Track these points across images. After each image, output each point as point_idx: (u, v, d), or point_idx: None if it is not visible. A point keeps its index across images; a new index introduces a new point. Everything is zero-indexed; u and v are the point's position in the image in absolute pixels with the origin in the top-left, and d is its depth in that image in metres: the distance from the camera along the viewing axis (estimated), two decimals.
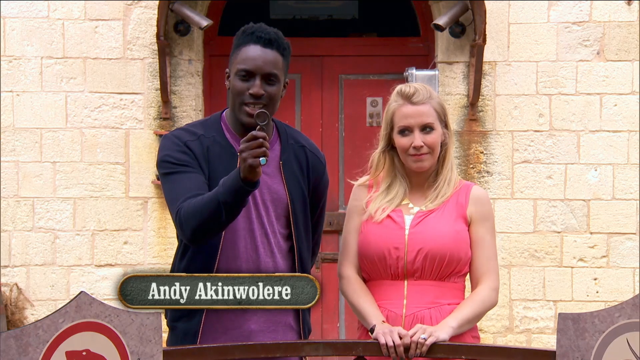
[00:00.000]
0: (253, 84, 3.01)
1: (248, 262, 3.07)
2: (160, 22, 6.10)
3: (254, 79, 3.01)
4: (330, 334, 6.60)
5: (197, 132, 3.09)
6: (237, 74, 3.03)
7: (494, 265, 3.08)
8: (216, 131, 3.11)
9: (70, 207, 6.35)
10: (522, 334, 6.40)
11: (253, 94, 3.00)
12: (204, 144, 3.06)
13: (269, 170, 3.09)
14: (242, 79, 3.02)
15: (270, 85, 3.03)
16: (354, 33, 7.19)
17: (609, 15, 6.39)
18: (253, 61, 3.01)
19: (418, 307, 2.98)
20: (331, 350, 2.84)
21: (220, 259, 3.04)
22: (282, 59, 3.06)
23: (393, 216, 3.05)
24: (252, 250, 3.07)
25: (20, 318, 6.30)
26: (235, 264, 3.06)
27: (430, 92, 3.08)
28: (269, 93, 3.02)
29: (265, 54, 3.02)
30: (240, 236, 3.06)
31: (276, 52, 3.04)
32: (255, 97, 3.01)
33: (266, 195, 3.09)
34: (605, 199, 6.39)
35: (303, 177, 3.17)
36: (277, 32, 3.10)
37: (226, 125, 3.13)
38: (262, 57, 3.02)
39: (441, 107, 3.08)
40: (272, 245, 3.10)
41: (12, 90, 6.35)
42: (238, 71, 3.03)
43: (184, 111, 6.38)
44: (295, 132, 3.27)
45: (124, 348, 2.59)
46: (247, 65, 3.01)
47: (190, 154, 3.03)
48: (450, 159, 3.12)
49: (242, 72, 3.02)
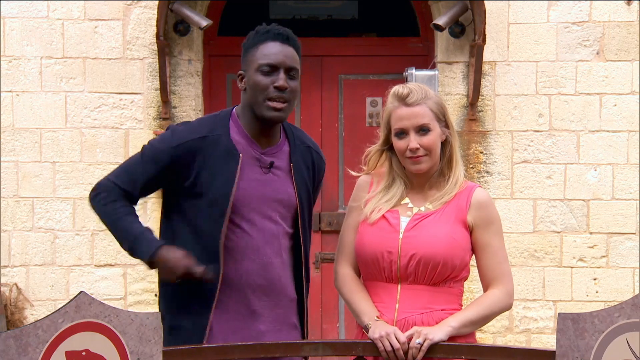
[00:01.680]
0: (277, 77, 3.03)
1: (255, 262, 3.07)
2: (160, 22, 6.10)
3: (277, 72, 3.04)
4: (330, 334, 6.60)
5: (200, 133, 3.08)
6: (259, 69, 3.05)
7: (505, 269, 3.03)
8: (222, 129, 3.10)
9: (70, 207, 6.35)
10: (521, 334, 6.40)
11: (279, 86, 3.02)
12: (201, 145, 3.06)
13: (279, 171, 3.10)
14: (265, 74, 3.04)
15: (292, 79, 3.07)
16: (354, 33, 7.19)
17: (608, 15, 6.39)
18: (276, 56, 3.04)
19: (410, 312, 2.95)
20: (331, 350, 2.84)
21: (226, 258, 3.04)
22: (298, 56, 3.11)
23: (389, 218, 3.02)
24: (261, 251, 3.07)
25: (20, 318, 6.30)
26: (241, 266, 3.06)
27: (426, 92, 3.03)
28: (291, 87, 3.06)
29: (285, 49, 3.07)
30: (246, 236, 3.06)
31: (293, 48, 3.09)
32: (280, 90, 3.03)
33: (275, 196, 3.09)
34: (604, 199, 6.39)
35: (309, 177, 3.20)
36: (290, 30, 3.14)
37: (237, 124, 3.12)
38: (283, 52, 3.06)
39: (438, 106, 3.03)
40: (282, 245, 3.11)
41: (11, 90, 6.35)
42: (260, 66, 3.05)
43: (183, 111, 6.38)
44: (300, 132, 3.29)
45: (123, 348, 2.59)
46: (270, 60, 3.04)
47: (174, 157, 3.05)
48: (456, 159, 3.07)
49: (265, 66, 3.04)
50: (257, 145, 3.11)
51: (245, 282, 3.06)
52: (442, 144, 3.06)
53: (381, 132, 3.12)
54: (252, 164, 3.09)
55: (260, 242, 3.07)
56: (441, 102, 3.07)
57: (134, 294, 6.35)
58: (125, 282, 6.36)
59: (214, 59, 6.58)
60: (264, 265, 3.07)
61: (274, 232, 3.09)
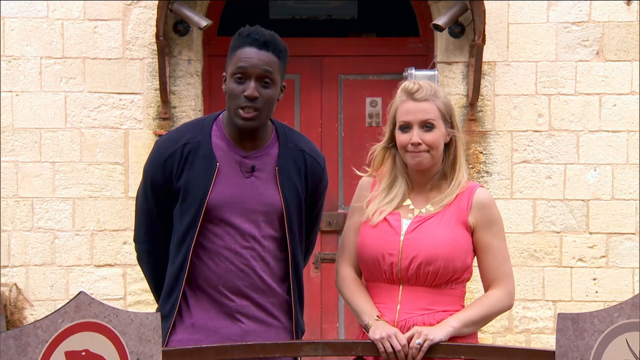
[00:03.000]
0: (247, 85, 3.00)
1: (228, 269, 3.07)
2: (160, 22, 6.09)
3: (248, 80, 3.01)
4: (330, 334, 6.60)
5: (182, 140, 3.11)
6: (233, 76, 3.03)
7: (506, 270, 3.02)
8: (204, 135, 3.11)
9: (70, 207, 6.35)
10: (521, 334, 6.40)
11: (247, 95, 2.99)
12: (185, 151, 3.08)
13: (263, 175, 3.10)
14: (238, 81, 3.02)
15: (265, 88, 3.02)
16: (353, 33, 7.19)
17: (608, 16, 6.39)
18: (248, 63, 3.01)
19: (411, 313, 2.95)
20: (330, 350, 2.84)
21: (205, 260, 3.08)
22: (278, 61, 3.05)
23: (390, 220, 3.02)
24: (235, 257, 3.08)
25: (20, 318, 6.29)
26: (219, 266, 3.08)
27: (436, 91, 3.02)
28: (263, 96, 3.01)
29: (260, 55, 3.02)
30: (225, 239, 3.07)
31: (272, 54, 3.03)
32: (249, 99, 3.00)
33: (257, 199, 3.09)
34: (604, 199, 6.39)
35: (301, 181, 3.16)
36: (274, 34, 3.09)
37: (220, 129, 3.13)
38: (257, 57, 3.01)
39: (446, 106, 3.02)
40: (259, 249, 3.10)
41: (11, 90, 6.35)
42: (233, 73, 3.03)
43: (183, 111, 6.38)
44: (295, 135, 3.25)
45: (123, 348, 2.59)
46: (241, 67, 3.01)
47: (166, 171, 3.09)
48: (460, 161, 3.06)
49: (237, 74, 3.02)
50: (240, 149, 3.10)
51: (224, 284, 3.07)
52: (447, 146, 3.06)
53: (386, 127, 3.10)
54: (232, 168, 3.08)
55: (239, 245, 3.07)
56: (449, 103, 3.06)
57: (133, 294, 6.35)
58: (124, 282, 6.36)
59: (214, 59, 6.57)
60: (242, 270, 3.08)
61: (254, 235, 3.09)
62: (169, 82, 6.33)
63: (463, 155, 3.10)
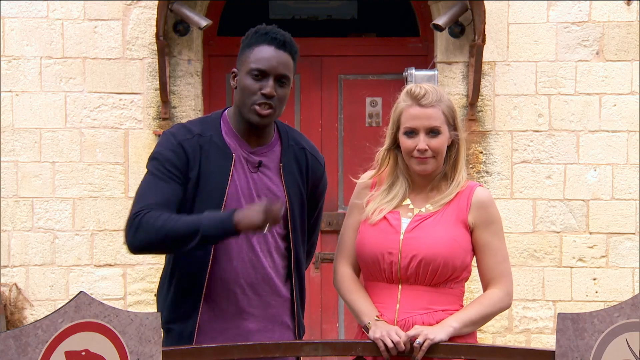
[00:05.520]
0: (266, 84, 3.02)
1: (244, 261, 3.07)
2: (160, 22, 6.09)
3: (267, 79, 3.03)
4: (330, 334, 6.60)
5: (194, 131, 3.09)
6: (250, 73, 3.04)
7: (504, 269, 3.02)
8: (214, 130, 3.11)
9: (70, 207, 6.35)
10: (521, 334, 6.40)
11: (266, 94, 3.01)
12: (199, 142, 3.06)
13: (268, 171, 3.11)
14: (255, 78, 3.03)
15: (281, 87, 3.06)
16: (353, 33, 7.19)
17: (608, 16, 6.39)
18: (267, 61, 3.02)
19: (410, 312, 2.95)
20: (330, 350, 2.84)
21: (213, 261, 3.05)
22: (292, 62, 3.09)
23: (390, 218, 3.02)
24: (249, 250, 3.08)
25: (20, 318, 6.30)
26: (230, 265, 3.07)
27: (441, 95, 3.02)
28: (279, 95, 3.05)
29: (279, 55, 3.04)
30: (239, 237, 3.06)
31: (288, 54, 3.07)
32: (267, 97, 3.02)
33: (264, 195, 3.09)
34: (604, 199, 6.39)
35: (302, 179, 3.18)
36: (289, 35, 3.11)
37: (227, 125, 3.14)
38: (276, 58, 3.03)
39: (450, 110, 3.03)
40: (270, 244, 3.11)
41: (11, 90, 6.35)
42: (251, 70, 3.03)
43: (183, 111, 6.38)
44: (296, 134, 3.28)
45: (123, 348, 2.59)
46: (261, 65, 3.02)
47: (182, 155, 3.02)
48: (461, 162, 3.07)
49: (255, 71, 3.03)
50: (247, 145, 3.11)
51: (234, 281, 3.07)
52: (448, 147, 3.06)
53: (388, 129, 3.10)
54: (241, 163, 3.10)
55: (250, 242, 3.08)
56: (453, 106, 3.06)
57: (133, 294, 6.36)
58: (124, 282, 6.36)
59: (214, 59, 6.58)
60: (253, 264, 3.08)
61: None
62: (169, 82, 6.33)
63: (464, 155, 3.10)
